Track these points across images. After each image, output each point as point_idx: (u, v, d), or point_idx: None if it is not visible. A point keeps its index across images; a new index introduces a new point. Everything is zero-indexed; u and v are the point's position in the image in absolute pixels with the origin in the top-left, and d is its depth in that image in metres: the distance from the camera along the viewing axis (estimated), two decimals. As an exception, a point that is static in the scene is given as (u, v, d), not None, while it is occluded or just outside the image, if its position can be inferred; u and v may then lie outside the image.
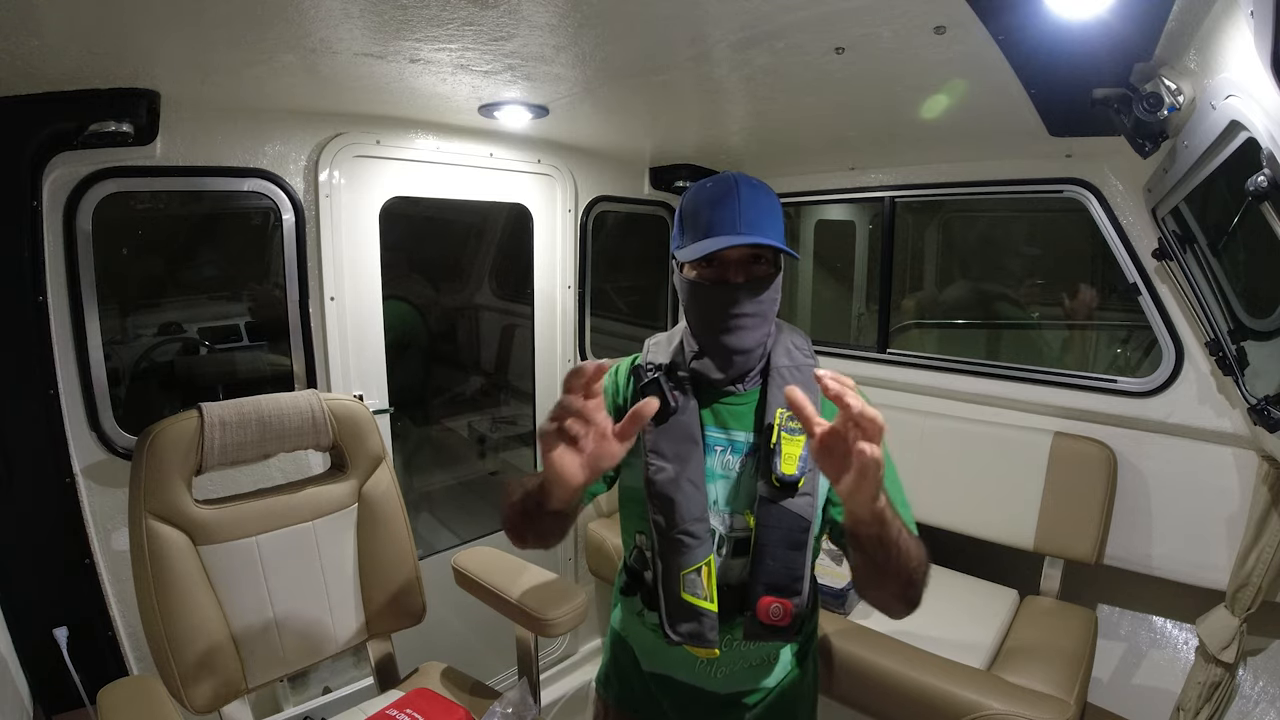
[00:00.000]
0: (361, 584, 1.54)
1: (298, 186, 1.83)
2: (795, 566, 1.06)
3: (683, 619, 1.07)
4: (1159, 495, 1.95)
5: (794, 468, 1.03)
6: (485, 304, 3.82)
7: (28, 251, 1.43)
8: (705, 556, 1.07)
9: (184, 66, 1.37)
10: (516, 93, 1.62)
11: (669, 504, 1.08)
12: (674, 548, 1.07)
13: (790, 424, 1.05)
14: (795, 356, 1.14)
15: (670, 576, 1.08)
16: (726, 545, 1.10)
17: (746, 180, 1.06)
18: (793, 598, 1.05)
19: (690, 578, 1.06)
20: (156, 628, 1.24)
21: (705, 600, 1.06)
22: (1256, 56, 0.84)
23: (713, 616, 1.06)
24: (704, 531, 1.07)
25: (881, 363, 2.50)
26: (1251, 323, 1.42)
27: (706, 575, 1.06)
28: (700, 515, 1.07)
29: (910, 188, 2.38)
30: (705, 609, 1.06)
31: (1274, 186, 0.94)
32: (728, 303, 1.04)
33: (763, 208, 1.04)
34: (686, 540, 1.06)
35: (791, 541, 1.05)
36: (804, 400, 0.77)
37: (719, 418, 1.13)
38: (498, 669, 2.27)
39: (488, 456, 3.49)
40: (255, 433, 1.39)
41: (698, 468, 1.09)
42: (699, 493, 1.08)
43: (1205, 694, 1.69)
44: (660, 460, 1.09)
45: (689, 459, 1.09)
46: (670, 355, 1.16)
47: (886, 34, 1.16)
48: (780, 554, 1.05)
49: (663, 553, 1.10)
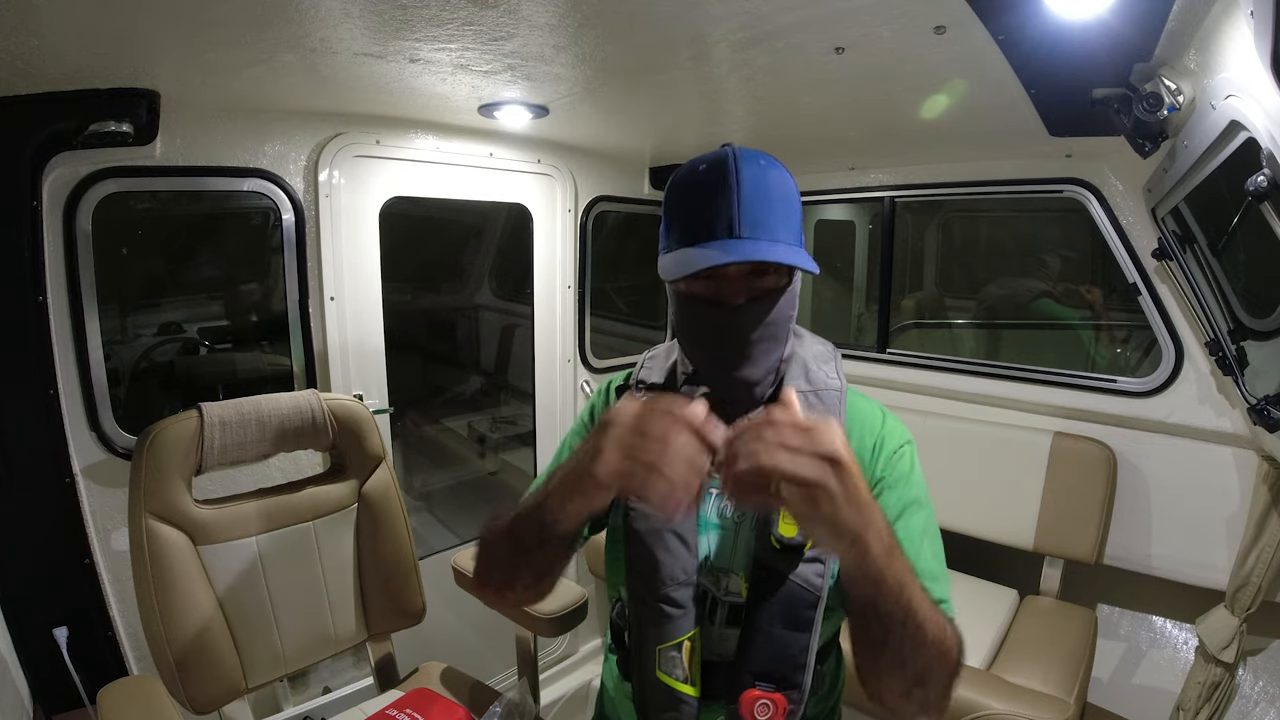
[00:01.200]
0: (361, 584, 1.54)
1: (297, 186, 1.83)
2: (795, 652, 0.84)
3: (658, 704, 0.87)
4: (1159, 495, 1.95)
5: (795, 529, 0.82)
6: (485, 304, 3.82)
7: (28, 251, 1.43)
8: (688, 630, 0.87)
9: (184, 66, 1.36)
10: (516, 93, 1.62)
11: (649, 563, 0.88)
12: (652, 617, 0.88)
13: None
14: (817, 378, 0.91)
15: (645, 651, 0.88)
16: (720, 611, 0.89)
17: (748, 159, 0.81)
18: (789, 691, 0.83)
19: (669, 654, 0.87)
20: (156, 628, 1.24)
21: (684, 684, 0.86)
22: (1256, 56, 0.84)
23: (692, 704, 0.87)
24: (689, 599, 0.87)
25: (881, 363, 2.50)
26: (1251, 323, 1.42)
27: (689, 652, 0.87)
28: (686, 579, 0.87)
29: (910, 188, 2.38)
30: (684, 693, 0.86)
31: (1274, 186, 0.94)
32: (727, 327, 0.82)
33: (771, 197, 0.80)
34: (667, 609, 0.87)
35: (792, 620, 0.84)
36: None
37: None
38: (498, 669, 2.27)
39: (487, 456, 3.49)
40: (255, 433, 1.39)
41: (689, 518, 0.88)
42: (687, 551, 0.88)
43: (1205, 694, 1.69)
44: (643, 505, 0.89)
45: None
46: (664, 375, 0.97)
47: (886, 34, 1.16)
48: (776, 634, 0.84)
49: (638, 621, 0.90)
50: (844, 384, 0.92)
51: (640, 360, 1.03)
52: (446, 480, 3.49)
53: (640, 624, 0.89)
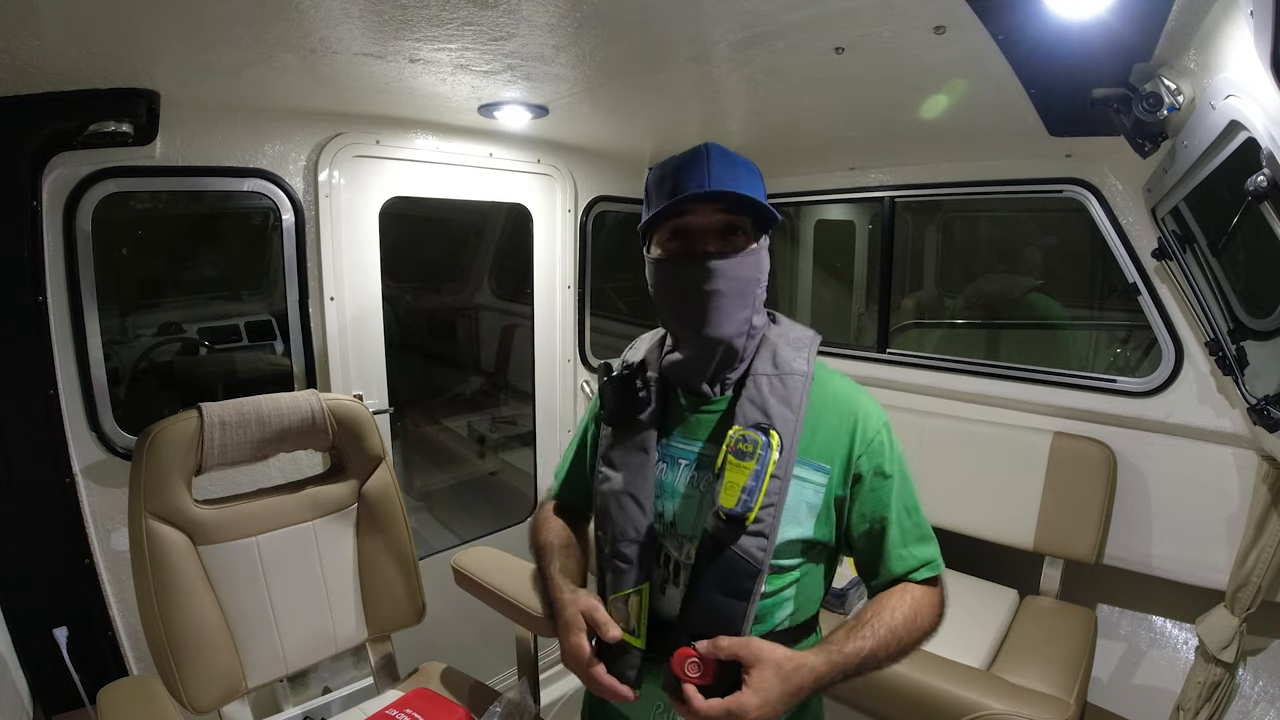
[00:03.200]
0: (361, 584, 1.54)
1: (297, 186, 1.83)
2: (731, 616, 0.89)
3: (610, 652, 0.92)
4: (1159, 495, 1.95)
5: (734, 500, 0.86)
6: (485, 304, 3.82)
7: (28, 251, 1.43)
8: (637, 584, 0.93)
9: (184, 66, 1.37)
10: (516, 93, 1.62)
11: (606, 520, 0.97)
12: (608, 569, 0.96)
13: (740, 446, 0.88)
14: (783, 362, 0.95)
15: (603, 601, 0.95)
16: (682, 574, 0.95)
17: (720, 147, 0.92)
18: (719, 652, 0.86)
19: (617, 605, 0.93)
20: (156, 628, 1.24)
21: (631, 635, 0.92)
22: (1256, 56, 0.84)
23: (636, 655, 0.92)
24: (639, 556, 0.94)
25: (881, 363, 2.50)
26: (1251, 323, 1.42)
27: (637, 606, 0.93)
28: (637, 536, 0.94)
29: (910, 188, 2.38)
30: (630, 644, 0.92)
31: (1274, 186, 0.94)
32: (697, 278, 0.89)
33: (737, 165, 0.91)
34: (618, 564, 0.94)
35: (730, 588, 0.88)
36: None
37: (688, 427, 0.99)
38: (498, 669, 2.27)
39: (487, 456, 3.49)
40: (255, 433, 1.39)
41: (645, 482, 0.96)
42: (641, 511, 0.95)
43: (1205, 694, 1.69)
44: (608, 469, 0.98)
45: (637, 471, 0.96)
46: (646, 354, 1.05)
47: (886, 34, 1.16)
48: (714, 600, 0.89)
49: (600, 573, 0.98)
50: (811, 370, 0.96)
51: (632, 342, 1.14)
52: (446, 480, 3.49)
53: (601, 575, 0.98)
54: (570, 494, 1.20)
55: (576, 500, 1.20)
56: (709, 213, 0.90)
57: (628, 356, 1.08)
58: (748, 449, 0.88)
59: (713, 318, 0.90)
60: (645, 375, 1.01)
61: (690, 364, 0.97)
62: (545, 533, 1.12)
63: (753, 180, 0.92)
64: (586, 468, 1.15)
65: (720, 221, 0.90)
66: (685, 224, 0.91)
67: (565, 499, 1.21)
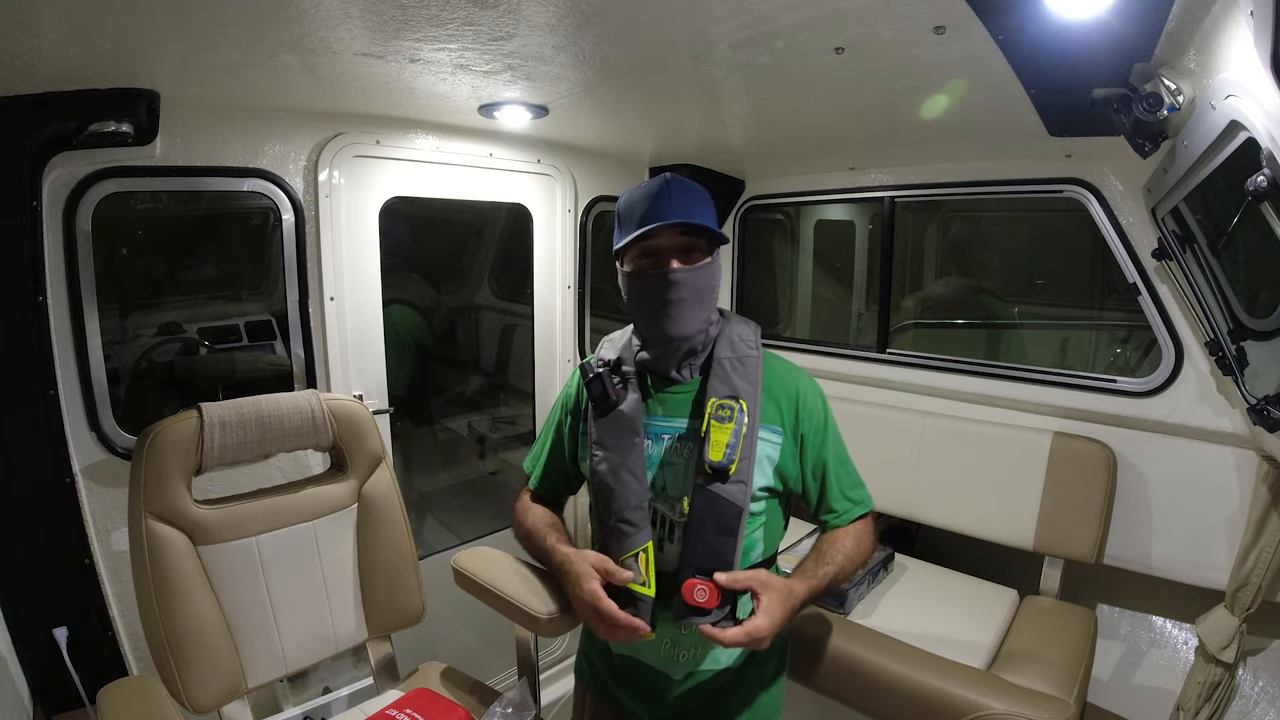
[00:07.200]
0: (361, 584, 1.54)
1: (297, 186, 1.83)
2: (724, 551, 1.11)
3: (623, 603, 1.10)
4: (1159, 495, 1.95)
5: (720, 454, 1.09)
6: (485, 304, 3.82)
7: (27, 251, 1.43)
8: (643, 543, 1.13)
9: (184, 66, 1.37)
10: (516, 93, 1.62)
11: (608, 494, 1.16)
12: (613, 535, 1.15)
13: (720, 412, 1.12)
14: (739, 348, 1.20)
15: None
16: (677, 531, 1.16)
17: (678, 179, 1.15)
18: None
19: (628, 563, 1.12)
20: (156, 628, 1.24)
21: (642, 586, 1.11)
22: (1256, 56, 0.84)
23: (648, 601, 1.11)
24: (641, 519, 1.14)
25: (881, 363, 2.50)
26: (1251, 323, 1.42)
27: (644, 561, 1.12)
28: (638, 504, 1.14)
29: (910, 188, 2.38)
30: (642, 594, 1.11)
31: (1274, 186, 0.94)
32: (665, 289, 1.12)
33: (694, 200, 1.14)
34: (623, 528, 1.13)
35: (722, 527, 1.11)
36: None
37: (666, 407, 1.21)
38: (498, 669, 2.27)
39: (487, 456, 3.49)
40: (255, 433, 1.39)
41: (638, 458, 1.16)
42: (638, 482, 1.15)
43: (1205, 694, 1.69)
44: (602, 451, 1.18)
45: (629, 450, 1.16)
46: (619, 351, 1.25)
47: (886, 34, 1.16)
48: (710, 538, 1.11)
49: (604, 540, 1.18)
50: (760, 352, 1.22)
51: (600, 344, 1.31)
52: (446, 480, 3.49)
53: (606, 542, 1.17)
54: (548, 484, 1.39)
55: (556, 488, 1.40)
56: (672, 235, 1.12)
57: (603, 355, 1.27)
58: (726, 414, 1.12)
59: (679, 320, 1.14)
60: (622, 370, 1.22)
61: (662, 357, 1.20)
62: (531, 518, 1.34)
63: (706, 207, 1.16)
64: (565, 458, 1.35)
65: (681, 242, 1.13)
66: (653, 245, 1.13)
67: (543, 489, 1.40)
